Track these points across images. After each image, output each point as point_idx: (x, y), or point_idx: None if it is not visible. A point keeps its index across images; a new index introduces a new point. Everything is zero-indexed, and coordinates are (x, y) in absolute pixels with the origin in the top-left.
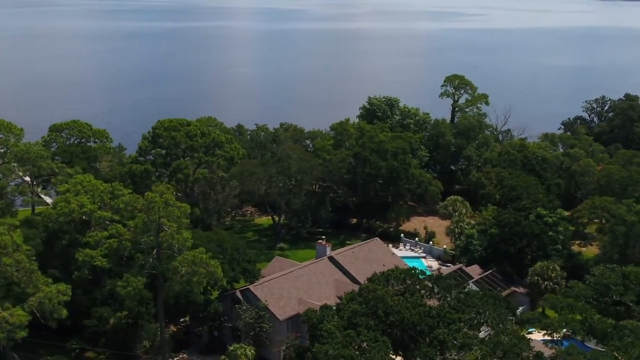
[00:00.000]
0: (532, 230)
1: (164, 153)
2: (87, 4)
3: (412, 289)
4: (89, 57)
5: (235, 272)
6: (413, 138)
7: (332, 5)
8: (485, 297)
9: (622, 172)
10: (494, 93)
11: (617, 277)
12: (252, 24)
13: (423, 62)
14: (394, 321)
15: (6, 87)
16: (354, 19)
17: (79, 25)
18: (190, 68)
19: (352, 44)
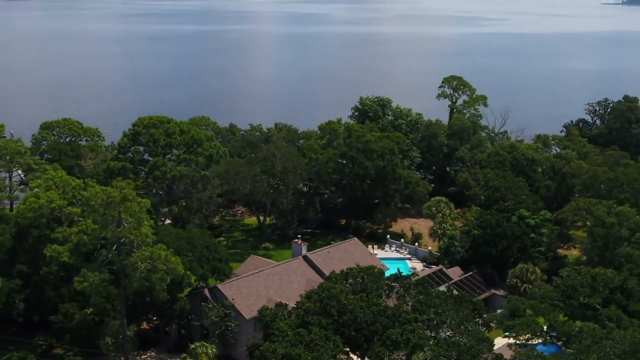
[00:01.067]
0: (513, 232)
1: (142, 150)
2: (111, 7)
3: (369, 287)
4: (107, 59)
5: (204, 269)
6: (401, 138)
7: (355, 9)
8: (446, 298)
9: (608, 173)
10: (504, 95)
11: (585, 279)
12: (274, 27)
13: (439, 65)
14: (347, 320)
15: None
16: (377, 23)
17: (102, 28)
18: (207, 70)
19: (372, 47)
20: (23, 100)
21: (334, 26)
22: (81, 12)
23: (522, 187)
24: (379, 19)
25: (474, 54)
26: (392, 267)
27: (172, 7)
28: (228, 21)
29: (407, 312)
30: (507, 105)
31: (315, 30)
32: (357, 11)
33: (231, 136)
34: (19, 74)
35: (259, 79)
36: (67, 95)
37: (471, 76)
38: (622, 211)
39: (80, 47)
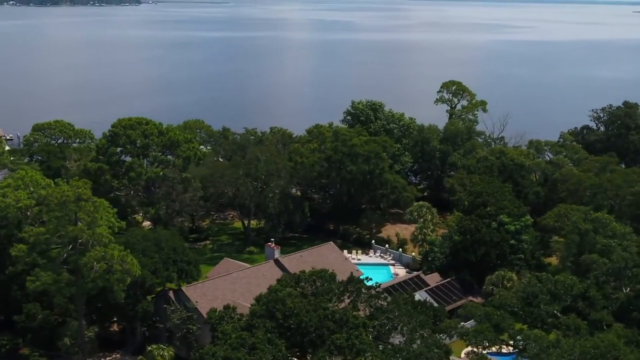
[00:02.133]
0: (492, 238)
1: (119, 151)
2: (139, 15)
3: (320, 291)
4: (128, 64)
5: (169, 271)
6: (388, 142)
7: (380, 17)
8: (400, 304)
9: (593, 179)
10: (514, 102)
11: (546, 286)
12: (298, 34)
13: (459, 72)
14: (292, 324)
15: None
16: (401, 31)
17: (128, 34)
18: (225, 75)
19: (393, 54)
20: (48, 102)
21: (357, 33)
22: (110, 18)
23: (506, 192)
24: (405, 26)
25: (493, 61)
26: (375, 273)
27: (199, 14)
28: (253, 28)
29: (356, 317)
30: (512, 111)
31: (339, 37)
32: (381, 19)
33: (222, 140)
34: (44, 77)
35: (275, 84)
36: (80, 98)
37: (485, 83)
38: (599, 218)
39: (104, 52)
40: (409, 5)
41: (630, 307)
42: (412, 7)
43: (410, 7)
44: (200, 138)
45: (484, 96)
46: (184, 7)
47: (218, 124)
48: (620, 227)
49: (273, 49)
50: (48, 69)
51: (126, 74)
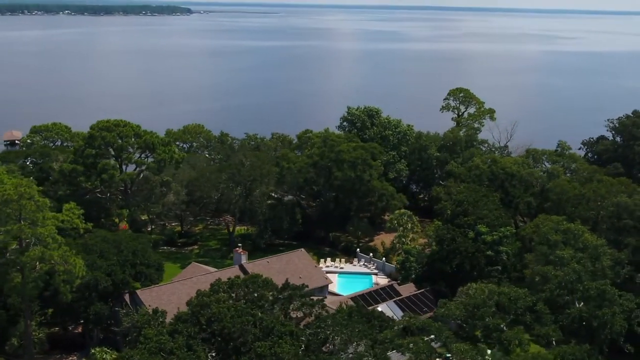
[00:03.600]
0: (466, 249)
1: (94, 153)
2: (188, 24)
3: (251, 297)
4: (175, 71)
5: (125, 274)
6: (377, 149)
7: (425, 27)
8: (337, 313)
9: (578, 189)
10: (538, 112)
11: (491, 298)
12: (343, 43)
13: (494, 82)
14: (215, 330)
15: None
16: (448, 41)
17: (177, 43)
18: (261, 82)
19: (435, 63)
20: (90, 106)
21: (401, 43)
22: (160, 27)
23: (490, 202)
24: (449, 37)
25: (534, 71)
26: (357, 282)
27: (248, 24)
28: (298, 37)
29: (285, 325)
30: (540, 120)
31: (381, 46)
32: (427, 29)
33: (218, 144)
34: (92, 82)
35: (308, 92)
36: (122, 103)
37: (518, 92)
38: (570, 229)
39: (151, 60)
40: (458, 16)
41: (582, 322)
42: (461, 18)
43: (459, 18)
44: (199, 143)
45: (513, 105)
46: (233, 17)
47: (241, 130)
48: (592, 239)
49: (313, 58)
50: (97, 74)
51: (169, 80)
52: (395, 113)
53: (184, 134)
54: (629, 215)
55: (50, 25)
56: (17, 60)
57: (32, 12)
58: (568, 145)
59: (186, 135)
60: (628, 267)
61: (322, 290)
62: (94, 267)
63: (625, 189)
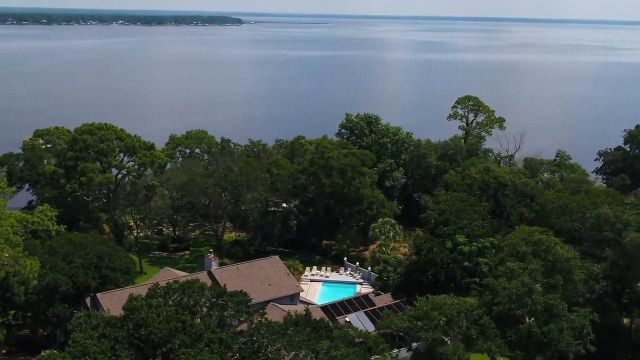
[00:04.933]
0: (442, 259)
1: (75, 156)
2: (237, 34)
3: (185, 303)
4: (219, 80)
5: (87, 277)
6: (368, 156)
7: (478, 37)
8: (289, 321)
9: (563, 199)
10: (574, 122)
11: (438, 309)
12: (387, 53)
13: (532, 92)
14: (142, 335)
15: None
16: (494, 51)
17: (225, 52)
18: (297, 91)
19: (476, 73)
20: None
21: (446, 53)
22: (210, 37)
23: (474, 211)
24: (496, 47)
25: (581, 81)
26: (340, 291)
27: (297, 34)
28: (344, 47)
29: (215, 332)
30: (564, 130)
31: (426, 57)
32: (476, 39)
33: (218, 150)
34: (137, 89)
35: (340, 100)
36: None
37: (554, 103)
38: (541, 240)
39: (198, 68)
40: (511, 27)
41: (530, 337)
42: (514, 29)
43: (512, 29)
44: (201, 149)
45: (542, 116)
46: (282, 27)
47: (268, 137)
48: (563, 251)
49: (352, 68)
50: (142, 82)
51: (208, 88)
52: (420, 122)
53: (186, 139)
54: (609, 228)
55: (103, 34)
56: (64, 69)
57: (87, 22)
58: (568, 155)
59: (188, 141)
60: (603, 282)
61: (292, 298)
62: (56, 269)
63: (612, 200)
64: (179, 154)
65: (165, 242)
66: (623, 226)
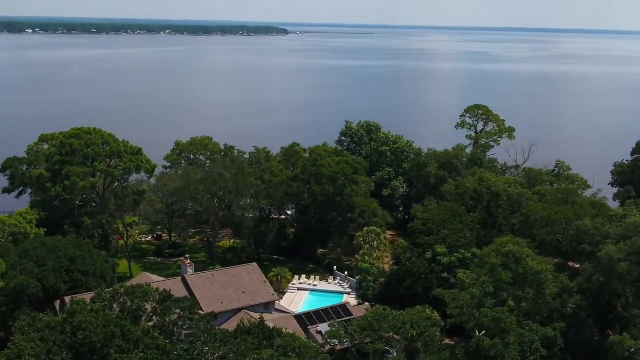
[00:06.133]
0: (419, 270)
1: (60, 160)
2: (283, 44)
3: (127, 308)
4: (258, 87)
5: (57, 280)
6: (362, 164)
7: (525, 48)
8: (240, 329)
9: (548, 210)
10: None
11: (382, 319)
12: (429, 63)
13: (570, 103)
14: (80, 339)
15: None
16: (537, 62)
17: (267, 62)
18: (332, 99)
19: (514, 84)
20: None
21: (486, 64)
22: (255, 47)
23: (460, 222)
24: (541, 58)
25: (621, 93)
26: (328, 300)
27: (342, 44)
28: (386, 57)
29: (154, 338)
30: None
31: (466, 66)
32: (522, 50)
33: (221, 157)
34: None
35: (370, 109)
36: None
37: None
38: (512, 252)
39: (234, 77)
40: (563, 38)
41: (479, 351)
42: (565, 40)
43: (562, 40)
44: (205, 156)
45: (572, 126)
46: (327, 37)
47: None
48: (533, 263)
49: (391, 77)
50: (181, 90)
51: (242, 96)
52: (438, 131)
53: (190, 146)
54: (588, 240)
55: (150, 44)
56: (103, 77)
57: (135, 32)
58: (567, 165)
59: (192, 147)
60: (577, 297)
61: (267, 306)
62: (26, 272)
63: (599, 211)
64: (183, 160)
65: (162, 248)
66: (602, 239)
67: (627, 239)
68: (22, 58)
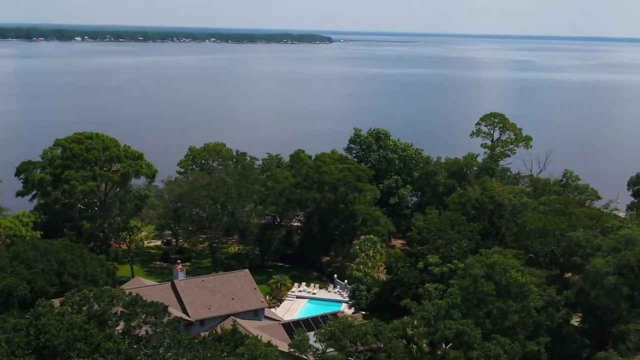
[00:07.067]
0: (409, 280)
1: (61, 164)
2: (327, 52)
3: (93, 312)
4: (286, 96)
5: (45, 283)
6: (365, 171)
7: (571, 57)
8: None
9: (543, 220)
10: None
11: (345, 330)
12: (470, 72)
13: (608, 112)
14: (43, 342)
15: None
16: (583, 71)
17: (308, 69)
18: (365, 107)
19: (552, 93)
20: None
21: (527, 72)
22: (298, 55)
23: (455, 231)
24: (585, 67)
25: None
26: (326, 308)
27: (385, 52)
28: (428, 66)
29: (117, 342)
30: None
31: (510, 75)
32: (567, 59)
33: (232, 163)
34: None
35: (405, 116)
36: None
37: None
38: (496, 262)
39: (271, 84)
40: (614, 47)
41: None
42: (615, 49)
43: (613, 49)
44: (218, 162)
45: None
46: (371, 46)
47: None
48: (517, 275)
49: (429, 85)
50: (218, 96)
51: (283, 103)
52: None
53: (203, 152)
54: (579, 252)
55: (194, 51)
56: (144, 84)
57: (181, 40)
58: (576, 175)
59: (204, 153)
60: (564, 311)
61: (256, 313)
62: (15, 274)
63: (595, 223)
64: (195, 166)
65: (168, 253)
66: (593, 251)
67: (617, 252)
68: (68, 65)
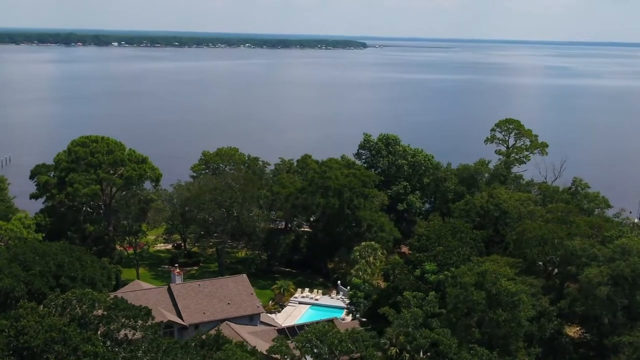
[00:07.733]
0: (404, 287)
1: (66, 167)
2: (360, 58)
3: (73, 315)
4: (312, 101)
5: (42, 284)
6: (371, 177)
7: (606, 63)
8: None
9: (541, 229)
10: None
11: (320, 337)
12: (504, 78)
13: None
14: (22, 343)
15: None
16: (616, 77)
17: (341, 75)
18: (390, 112)
19: (593, 99)
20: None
21: (559, 79)
22: (331, 60)
23: (456, 239)
24: (619, 73)
25: None
26: (328, 314)
27: (419, 58)
28: (461, 71)
29: (95, 345)
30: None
31: (542, 82)
32: (603, 65)
33: (243, 167)
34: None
35: (430, 122)
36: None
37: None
38: (487, 270)
39: (302, 90)
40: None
41: None
42: None
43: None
44: (229, 167)
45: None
46: (405, 51)
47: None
48: (508, 284)
49: (460, 91)
50: (245, 101)
51: (319, 108)
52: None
53: (216, 156)
54: (575, 262)
55: (229, 57)
56: (173, 89)
57: (216, 45)
58: (585, 183)
59: (217, 157)
60: (556, 321)
61: (252, 318)
62: (12, 275)
63: (596, 232)
64: (208, 171)
65: (177, 257)
66: (588, 260)
67: (613, 262)
68: (103, 70)
